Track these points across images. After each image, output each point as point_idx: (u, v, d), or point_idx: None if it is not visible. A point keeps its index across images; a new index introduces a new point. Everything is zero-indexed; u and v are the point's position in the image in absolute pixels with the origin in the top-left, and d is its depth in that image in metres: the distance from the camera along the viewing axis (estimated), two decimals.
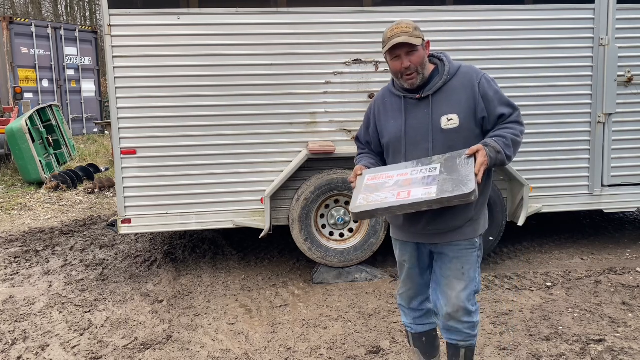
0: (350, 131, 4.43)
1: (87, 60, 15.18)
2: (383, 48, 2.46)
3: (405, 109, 2.44)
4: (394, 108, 2.48)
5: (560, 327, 3.52)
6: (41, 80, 13.92)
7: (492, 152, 2.25)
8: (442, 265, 2.47)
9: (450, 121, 2.38)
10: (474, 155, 2.24)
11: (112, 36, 4.14)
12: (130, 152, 4.27)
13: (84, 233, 6.09)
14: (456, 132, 2.37)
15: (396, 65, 2.40)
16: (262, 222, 4.40)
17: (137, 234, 5.71)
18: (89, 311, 3.97)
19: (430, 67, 2.45)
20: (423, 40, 2.39)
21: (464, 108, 2.37)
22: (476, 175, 2.16)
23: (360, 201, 2.27)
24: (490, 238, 4.52)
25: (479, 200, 2.26)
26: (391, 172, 2.35)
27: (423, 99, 2.42)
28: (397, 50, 2.38)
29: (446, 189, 2.14)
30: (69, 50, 14.65)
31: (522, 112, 2.39)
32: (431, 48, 2.49)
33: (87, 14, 24.78)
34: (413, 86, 2.40)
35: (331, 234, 4.55)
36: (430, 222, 2.38)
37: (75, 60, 14.83)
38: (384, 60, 4.32)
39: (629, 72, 4.64)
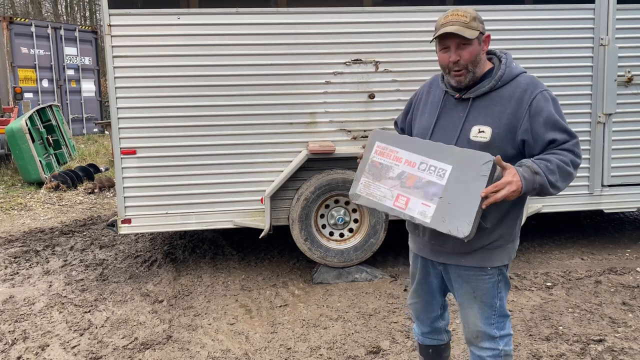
0: (350, 131, 4.43)
1: (87, 60, 15.18)
2: (433, 35, 2.15)
3: (441, 106, 2.18)
4: (433, 101, 2.23)
5: (560, 327, 3.52)
6: (41, 80, 13.92)
7: (528, 173, 1.89)
8: (454, 289, 2.25)
9: (480, 133, 2.06)
10: (501, 168, 1.88)
11: (112, 36, 4.15)
12: (130, 152, 4.27)
13: (84, 233, 6.09)
14: (484, 147, 2.02)
15: (444, 58, 2.09)
16: (262, 222, 4.40)
17: (137, 234, 5.71)
18: (89, 311, 3.97)
19: (485, 66, 2.14)
20: (481, 33, 2.08)
21: (502, 123, 2.04)
22: (484, 198, 1.84)
23: (361, 187, 2.08)
24: None
25: (501, 227, 2.05)
26: (401, 153, 2.04)
27: (463, 100, 2.13)
28: (447, 41, 2.08)
29: (441, 218, 1.88)
30: (69, 50, 14.65)
31: None
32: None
33: (87, 14, 24.79)
34: (460, 84, 2.10)
35: (331, 234, 4.55)
36: (432, 236, 2.15)
37: (75, 60, 14.83)
38: (384, 60, 4.38)
39: (629, 72, 4.64)
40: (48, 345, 3.47)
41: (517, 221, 2.15)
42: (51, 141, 9.61)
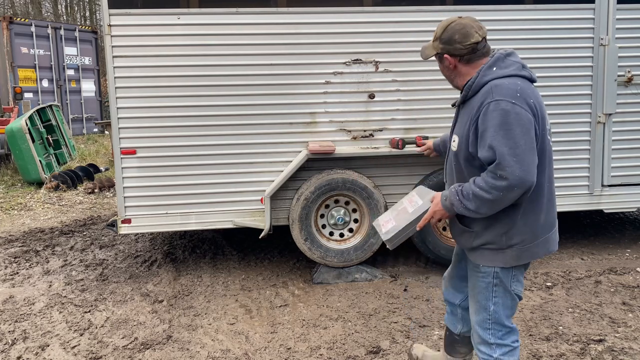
0: (350, 131, 4.43)
1: (87, 60, 15.18)
2: None
3: (455, 117, 2.36)
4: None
5: (560, 327, 3.52)
6: (41, 80, 13.92)
7: (446, 200, 2.16)
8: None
9: (453, 142, 2.23)
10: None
11: (112, 36, 4.14)
12: (130, 152, 4.27)
13: (84, 233, 6.09)
14: (456, 156, 2.19)
15: None
16: (262, 222, 4.40)
17: (137, 234, 5.71)
18: (89, 311, 3.97)
19: (468, 76, 2.23)
20: (437, 53, 2.24)
21: (465, 132, 2.13)
22: (417, 221, 2.27)
23: (384, 219, 2.58)
24: None
25: (486, 233, 2.17)
26: (414, 196, 2.51)
27: (458, 107, 2.27)
28: None
29: (388, 229, 2.43)
30: (69, 50, 14.64)
31: None
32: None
33: (87, 14, 24.79)
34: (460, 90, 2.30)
35: (331, 234, 4.55)
36: (450, 228, 2.42)
37: (75, 60, 14.82)
38: (384, 60, 4.38)
39: (629, 72, 4.64)
40: (48, 345, 3.47)
41: (509, 231, 2.16)
42: (51, 141, 9.61)
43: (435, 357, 2.85)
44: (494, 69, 2.15)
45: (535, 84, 2.24)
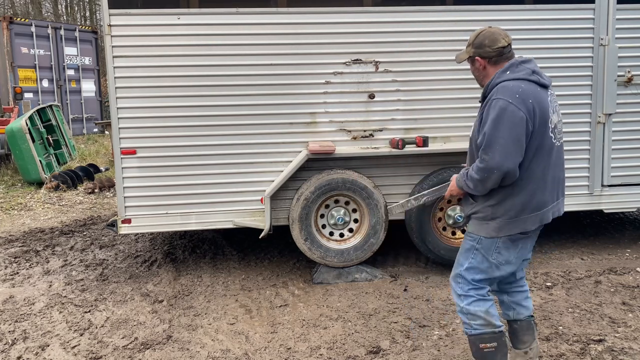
0: (350, 131, 4.43)
1: (87, 60, 15.18)
2: None
3: None
4: None
5: (560, 327, 3.52)
6: (41, 80, 13.92)
7: (459, 180, 2.67)
8: None
9: (472, 130, 2.66)
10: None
11: (112, 36, 4.14)
12: (130, 152, 4.27)
13: (84, 233, 6.09)
14: (470, 141, 2.68)
15: None
16: (262, 222, 4.40)
17: (137, 234, 5.71)
18: (89, 311, 3.97)
19: (490, 76, 2.63)
20: (470, 57, 2.67)
21: (476, 122, 2.60)
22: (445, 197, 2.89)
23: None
24: None
25: (479, 205, 2.62)
26: None
27: (481, 103, 2.68)
28: None
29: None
30: (69, 50, 14.64)
31: None
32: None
33: (87, 14, 24.79)
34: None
35: (331, 234, 4.55)
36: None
37: (75, 60, 14.83)
38: (384, 60, 4.38)
39: (629, 72, 4.64)
40: (48, 345, 3.47)
41: (496, 206, 2.57)
42: (51, 141, 9.61)
43: None
44: (507, 72, 2.54)
45: (548, 88, 2.60)
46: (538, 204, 2.56)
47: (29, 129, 8.67)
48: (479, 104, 2.66)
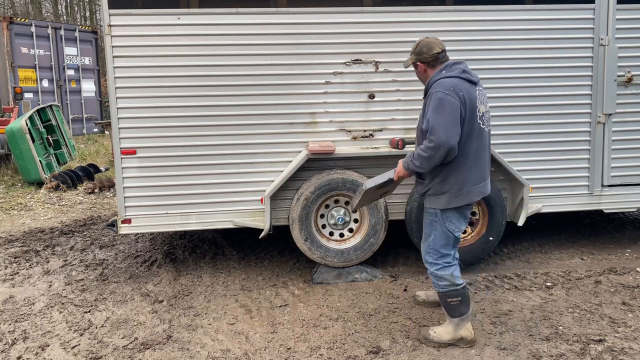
0: (350, 131, 4.43)
1: (87, 60, 15.18)
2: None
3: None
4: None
5: (560, 327, 3.52)
6: (41, 80, 13.92)
7: (404, 162, 3.19)
8: None
9: (418, 120, 3.28)
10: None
11: (112, 36, 4.15)
12: (130, 152, 4.27)
13: (84, 233, 6.09)
14: (417, 128, 3.27)
15: None
16: (262, 222, 4.40)
17: (137, 234, 5.71)
18: (89, 311, 3.97)
19: (429, 76, 3.23)
20: (413, 62, 3.29)
21: (421, 112, 3.20)
22: (394, 180, 3.29)
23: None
24: (490, 238, 4.52)
25: (430, 184, 3.18)
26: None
27: (424, 98, 3.26)
28: None
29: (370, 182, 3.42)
30: (69, 50, 14.64)
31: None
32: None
33: (87, 14, 24.79)
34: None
35: (331, 234, 4.55)
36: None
37: (75, 60, 14.82)
38: (383, 60, 4.38)
39: (629, 72, 4.64)
40: (48, 345, 3.47)
41: (442, 182, 3.13)
42: (51, 141, 9.61)
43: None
44: (443, 72, 3.14)
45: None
46: (477, 178, 3.14)
47: (29, 129, 8.67)
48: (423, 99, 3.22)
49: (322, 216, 4.53)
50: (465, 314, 3.25)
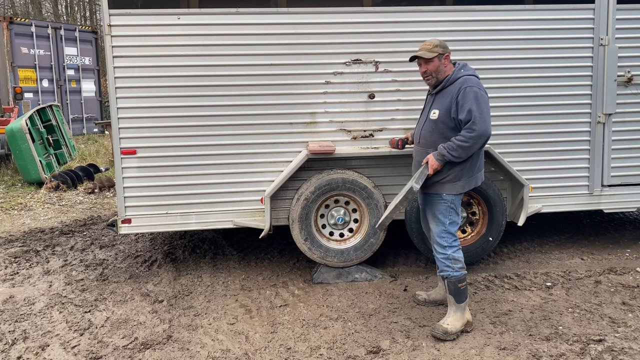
0: (350, 131, 4.43)
1: (87, 60, 15.18)
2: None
3: (426, 101, 3.63)
4: (426, 100, 3.66)
5: (560, 327, 3.52)
6: (41, 80, 13.93)
7: (438, 156, 3.33)
8: (426, 211, 3.63)
9: (434, 114, 3.45)
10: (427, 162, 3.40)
11: (112, 36, 4.15)
12: (130, 152, 4.27)
13: (84, 233, 6.10)
14: (435, 122, 3.42)
15: (420, 70, 3.51)
16: (262, 222, 4.40)
17: (137, 234, 5.71)
18: (89, 311, 3.97)
19: (446, 73, 3.42)
20: (439, 54, 3.37)
21: (445, 106, 3.37)
22: (429, 175, 3.38)
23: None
24: (490, 238, 4.52)
25: (449, 172, 3.36)
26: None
27: (433, 95, 3.52)
28: (418, 60, 3.48)
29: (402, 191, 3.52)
30: (69, 50, 14.65)
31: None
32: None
33: (87, 14, 24.79)
34: (430, 86, 3.54)
35: (331, 234, 4.55)
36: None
37: (75, 60, 14.83)
38: (383, 60, 4.39)
39: (629, 72, 4.64)
40: (48, 345, 3.48)
41: (462, 170, 3.37)
42: (51, 141, 9.61)
43: (438, 291, 3.87)
44: (462, 70, 3.41)
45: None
46: (480, 165, 3.49)
47: (29, 129, 8.67)
48: (430, 93, 3.51)
49: (322, 216, 4.53)
50: (467, 297, 3.48)
